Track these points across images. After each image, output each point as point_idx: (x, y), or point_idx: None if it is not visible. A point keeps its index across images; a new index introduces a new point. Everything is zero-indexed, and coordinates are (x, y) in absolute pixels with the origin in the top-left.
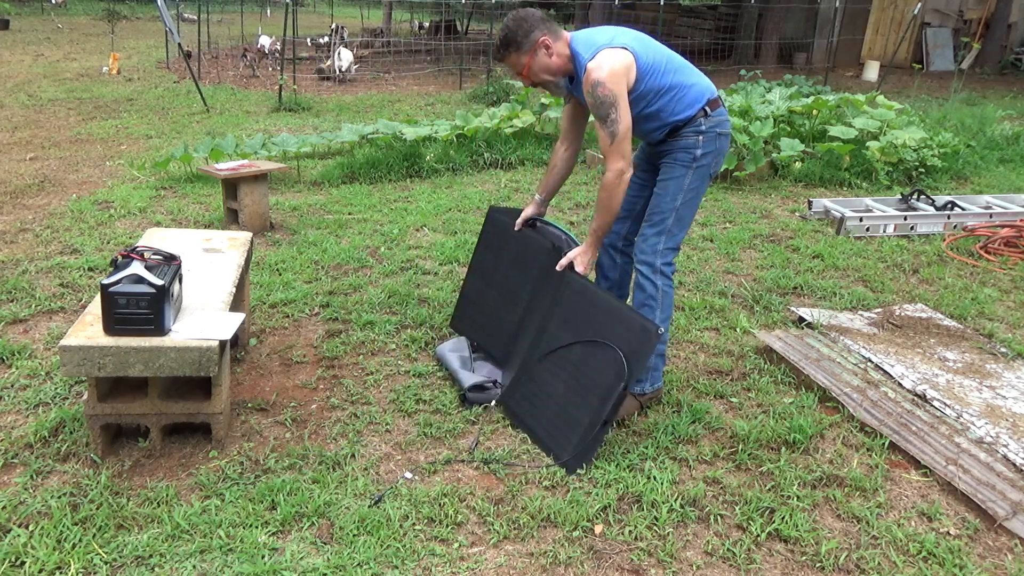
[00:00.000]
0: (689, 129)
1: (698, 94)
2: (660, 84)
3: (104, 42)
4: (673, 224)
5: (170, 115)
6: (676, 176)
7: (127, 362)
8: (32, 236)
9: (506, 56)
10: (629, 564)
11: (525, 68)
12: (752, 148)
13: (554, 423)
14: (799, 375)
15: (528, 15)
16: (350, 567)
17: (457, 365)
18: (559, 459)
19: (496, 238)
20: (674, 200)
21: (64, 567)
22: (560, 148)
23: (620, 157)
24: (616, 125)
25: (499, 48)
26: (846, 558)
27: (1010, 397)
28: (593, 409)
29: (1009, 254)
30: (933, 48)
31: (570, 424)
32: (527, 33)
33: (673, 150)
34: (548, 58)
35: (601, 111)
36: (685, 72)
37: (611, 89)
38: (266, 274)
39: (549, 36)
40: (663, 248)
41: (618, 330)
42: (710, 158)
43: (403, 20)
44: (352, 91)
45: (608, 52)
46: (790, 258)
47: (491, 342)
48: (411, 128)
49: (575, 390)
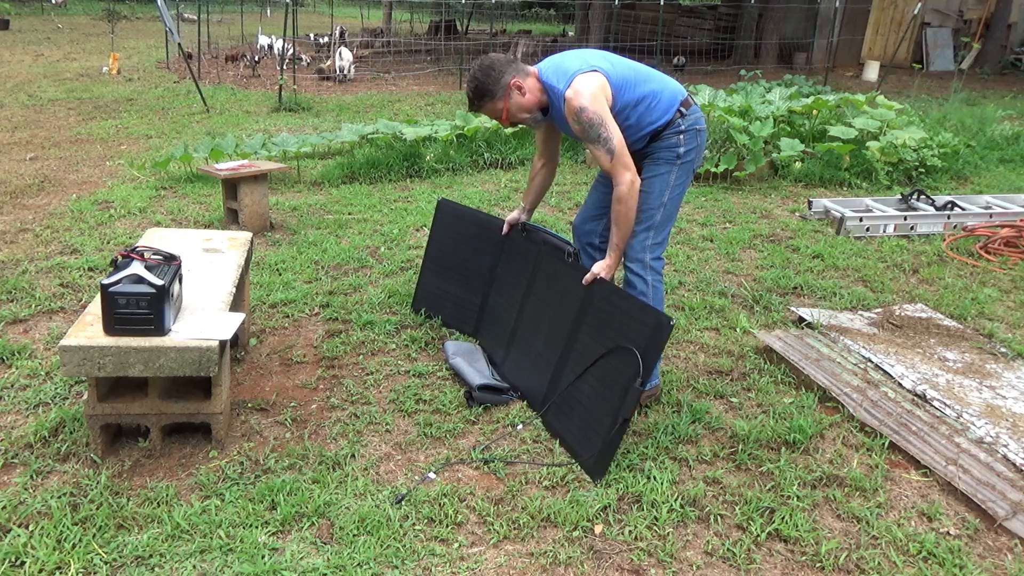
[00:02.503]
0: (670, 131)
1: (671, 98)
2: (634, 96)
3: (104, 42)
4: (660, 220)
5: (170, 115)
6: (662, 173)
7: (127, 362)
8: (32, 236)
9: (481, 106)
10: (629, 564)
11: (503, 113)
12: (752, 148)
13: (582, 428)
14: (799, 375)
15: (494, 62)
16: (350, 567)
17: (465, 364)
18: (585, 464)
19: (450, 226)
20: (660, 196)
21: (64, 567)
22: (538, 164)
23: (624, 169)
24: (610, 142)
25: (473, 100)
26: (846, 558)
27: (1010, 397)
28: (614, 408)
29: (1009, 254)
30: (933, 48)
31: (595, 427)
32: (497, 80)
33: (656, 150)
34: (522, 97)
35: (592, 133)
36: (654, 80)
37: (595, 111)
38: (266, 274)
39: (519, 77)
40: (651, 244)
41: (635, 326)
42: (693, 154)
43: (403, 20)
44: (352, 91)
45: (582, 77)
46: (790, 258)
47: (456, 320)
48: (411, 128)
49: (599, 392)
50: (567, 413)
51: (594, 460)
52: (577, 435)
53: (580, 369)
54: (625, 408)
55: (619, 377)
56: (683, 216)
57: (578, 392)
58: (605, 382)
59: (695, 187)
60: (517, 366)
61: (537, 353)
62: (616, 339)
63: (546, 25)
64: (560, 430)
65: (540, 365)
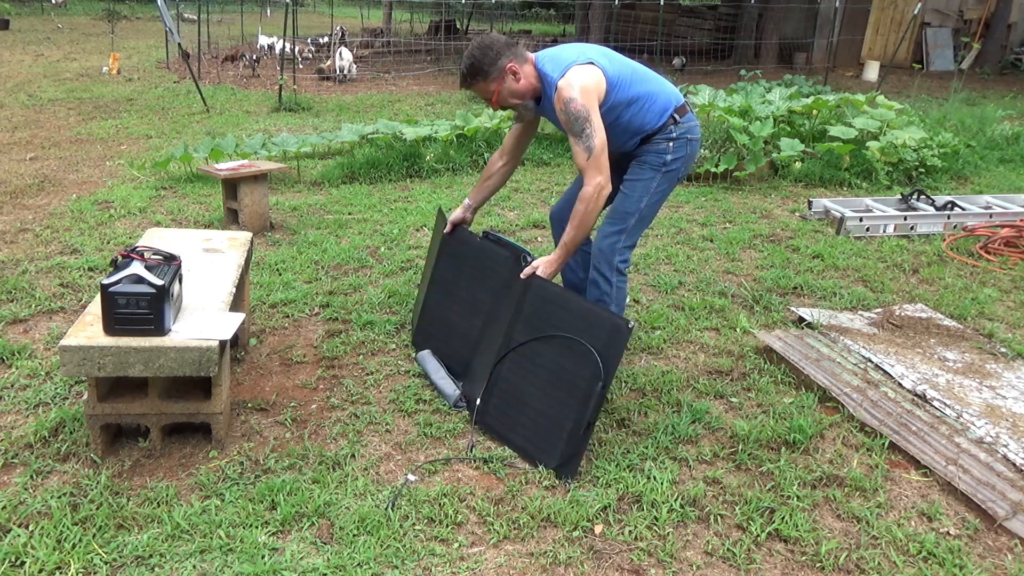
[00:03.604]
0: (660, 136)
1: (665, 102)
2: (628, 95)
3: (104, 42)
4: (635, 225)
5: (170, 115)
6: (645, 178)
7: (127, 362)
8: (32, 236)
9: (473, 84)
10: (629, 564)
11: (494, 95)
12: (752, 148)
13: (534, 430)
14: (799, 375)
15: (493, 42)
16: (350, 567)
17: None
18: (548, 465)
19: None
20: (639, 202)
21: (64, 567)
22: (498, 162)
23: (598, 171)
24: (592, 139)
25: (466, 77)
26: (846, 558)
27: (1010, 397)
28: (576, 411)
29: (1009, 254)
30: (933, 48)
31: (552, 429)
32: (493, 61)
33: (644, 153)
34: (516, 83)
35: (576, 126)
36: (651, 82)
37: (583, 104)
38: (266, 274)
39: (515, 61)
40: (621, 247)
41: (589, 330)
42: (680, 163)
43: (403, 20)
44: (352, 91)
45: (577, 69)
46: (790, 258)
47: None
48: (411, 128)
49: (552, 395)
50: (513, 416)
51: (564, 461)
52: (531, 436)
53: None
54: (591, 411)
55: (577, 380)
56: (683, 216)
57: (522, 394)
58: (559, 384)
59: (695, 187)
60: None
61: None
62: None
63: (546, 25)
64: (506, 432)
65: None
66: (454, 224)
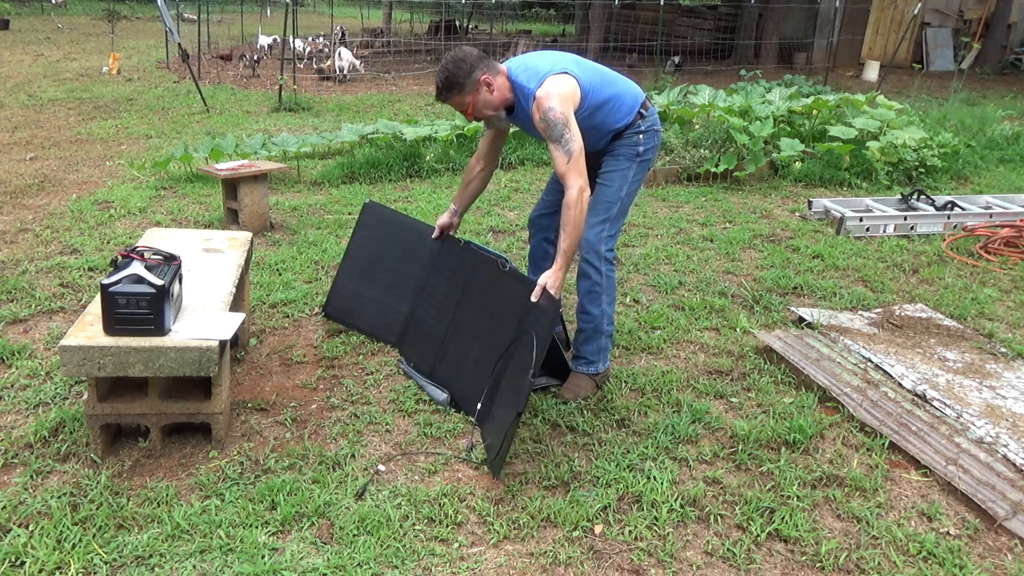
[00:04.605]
0: (631, 131)
1: (632, 100)
2: (599, 99)
3: (104, 42)
4: (616, 213)
5: (170, 115)
6: (621, 169)
7: (127, 362)
8: (32, 236)
9: (449, 98)
10: (629, 564)
11: (469, 107)
12: (752, 148)
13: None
14: (799, 375)
15: (466, 55)
16: (350, 567)
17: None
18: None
19: (379, 230)
20: (619, 191)
21: (64, 567)
22: (476, 167)
23: (579, 175)
24: (571, 144)
25: (441, 91)
26: (846, 558)
27: (1010, 397)
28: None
29: (1009, 254)
30: (933, 48)
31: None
32: (468, 74)
33: (617, 147)
34: (490, 95)
35: (555, 132)
36: (618, 83)
37: (562, 112)
38: (266, 274)
39: (489, 74)
40: (606, 235)
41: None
42: (651, 153)
43: (403, 20)
44: (352, 91)
45: (554, 78)
46: (790, 258)
47: (377, 327)
48: (411, 128)
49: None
50: (492, 414)
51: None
52: (493, 433)
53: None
54: (520, 401)
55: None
56: (683, 216)
57: (500, 394)
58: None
59: (695, 187)
60: (449, 376)
61: (474, 362)
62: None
63: (546, 25)
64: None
65: (479, 375)
66: (441, 229)
